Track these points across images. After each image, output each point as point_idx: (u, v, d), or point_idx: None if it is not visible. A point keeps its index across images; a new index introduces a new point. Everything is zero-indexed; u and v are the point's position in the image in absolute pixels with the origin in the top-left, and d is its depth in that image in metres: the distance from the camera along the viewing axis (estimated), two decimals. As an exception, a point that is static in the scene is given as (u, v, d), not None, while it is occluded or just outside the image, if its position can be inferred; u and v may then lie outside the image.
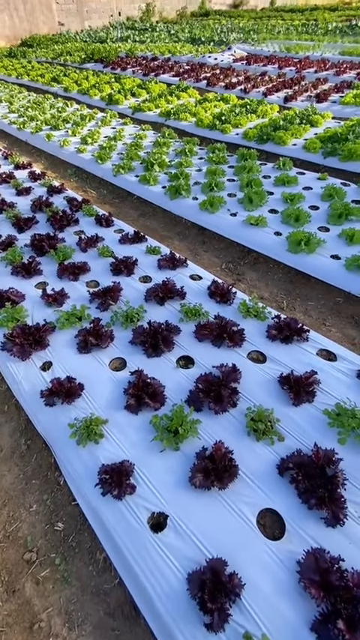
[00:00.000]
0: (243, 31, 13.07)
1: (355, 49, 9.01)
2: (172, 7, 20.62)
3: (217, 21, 17.20)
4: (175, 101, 6.13)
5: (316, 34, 11.97)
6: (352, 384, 1.66)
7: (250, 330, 1.95)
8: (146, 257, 2.60)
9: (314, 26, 13.79)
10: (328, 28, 13.15)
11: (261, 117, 5.29)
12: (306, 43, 10.50)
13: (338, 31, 12.36)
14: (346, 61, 8.12)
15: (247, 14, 19.95)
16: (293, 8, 23.22)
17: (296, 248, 2.59)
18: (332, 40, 10.83)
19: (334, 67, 7.58)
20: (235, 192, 3.39)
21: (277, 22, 15.52)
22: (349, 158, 3.86)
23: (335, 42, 10.50)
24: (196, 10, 21.55)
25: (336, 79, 6.94)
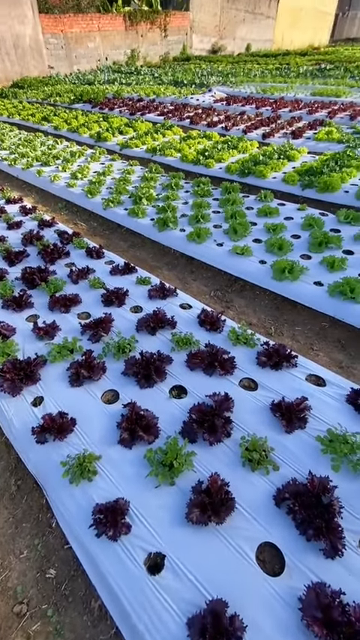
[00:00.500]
0: (222, 74, 14.12)
1: (324, 90, 9.80)
2: (155, 52, 22.20)
3: (197, 65, 18.56)
4: (161, 138, 6.48)
5: (289, 77, 13.00)
6: (341, 409, 1.70)
7: (240, 358, 1.99)
8: (137, 287, 2.65)
9: (287, 70, 15.00)
10: (299, 71, 14.32)
11: (242, 152, 5.62)
12: (280, 85, 11.38)
13: (309, 74, 13.47)
14: (317, 101, 8.80)
15: (225, 59, 21.61)
16: (267, 53, 25.31)
17: (281, 276, 2.70)
18: (304, 82, 11.78)
19: (307, 107, 8.18)
20: (220, 223, 3.55)
21: (252, 66, 16.83)
22: (325, 190, 4.11)
23: (307, 84, 11.41)
24: (178, 55, 23.23)
25: (309, 117, 7.48)
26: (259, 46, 28.75)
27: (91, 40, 18.86)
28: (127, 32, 20.34)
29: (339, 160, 4.81)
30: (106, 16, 19.32)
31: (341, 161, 4.76)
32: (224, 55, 25.03)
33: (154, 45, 21.88)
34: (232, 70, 15.65)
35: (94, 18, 18.63)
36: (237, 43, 27.15)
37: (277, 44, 30.14)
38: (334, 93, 9.45)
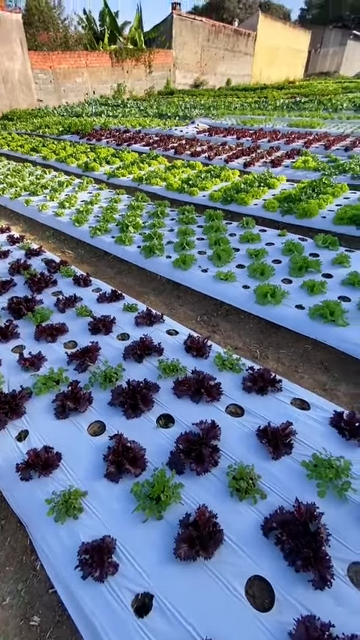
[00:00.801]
0: (204, 107, 14.93)
1: (300, 122, 10.45)
2: (140, 86, 23.40)
3: (181, 98, 19.59)
4: (147, 168, 6.74)
5: (267, 110, 13.83)
6: (325, 433, 1.73)
7: (226, 383, 2.02)
8: (124, 315, 2.69)
9: (265, 102, 15.97)
10: (276, 104, 15.26)
11: (224, 181, 5.89)
12: (259, 117, 12.08)
13: (285, 107, 14.36)
14: (293, 131, 9.36)
15: (207, 93, 22.91)
16: (246, 87, 26.95)
17: (263, 300, 2.78)
18: (281, 114, 12.53)
19: (285, 137, 8.67)
20: (205, 249, 3.66)
21: (233, 100, 17.87)
22: (303, 216, 4.32)
23: (283, 116, 12.14)
24: (162, 89, 24.53)
25: (287, 147, 7.92)
26: (239, 81, 30.63)
27: (79, 75, 19.78)
28: (114, 68, 21.47)
29: (316, 187, 5.08)
30: (93, 53, 20.42)
31: (318, 188, 5.03)
32: (206, 89, 26.51)
33: (139, 80, 23.09)
34: (213, 103, 16.56)
35: (81, 55, 19.65)
36: (218, 78, 28.88)
37: (255, 79, 32.18)
38: (309, 124, 10.08)
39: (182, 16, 24.10)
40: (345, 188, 5.09)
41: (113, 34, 22.58)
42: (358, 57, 43.55)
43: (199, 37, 25.68)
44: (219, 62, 28.31)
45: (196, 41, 25.63)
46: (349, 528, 1.36)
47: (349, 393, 2.23)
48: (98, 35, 22.59)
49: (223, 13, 38.89)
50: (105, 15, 22.56)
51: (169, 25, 23.52)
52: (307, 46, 38.59)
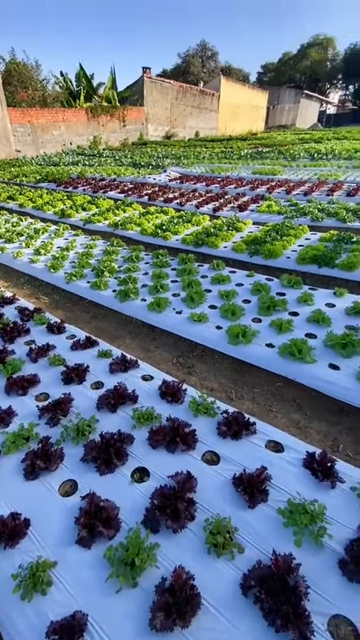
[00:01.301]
0: (175, 156, 16.11)
1: (263, 170, 11.43)
2: (115, 138, 25.06)
3: (153, 149, 21.08)
4: (122, 214, 7.06)
5: (233, 159, 15.09)
6: (299, 475, 1.75)
7: (201, 430, 2.02)
8: (98, 362, 2.69)
9: (231, 152, 17.45)
10: (241, 153, 16.69)
11: (195, 225, 6.24)
12: (226, 165, 13.13)
13: (249, 156, 15.72)
14: (257, 179, 10.20)
15: (177, 143, 24.81)
16: (213, 139, 29.44)
17: (235, 340, 2.88)
18: (245, 162, 13.69)
19: (249, 184, 9.41)
20: (178, 292, 3.80)
21: (201, 150, 19.41)
22: (269, 256, 4.62)
23: (248, 164, 13.25)
24: (136, 140, 26.36)
25: (252, 192, 8.58)
26: (207, 133, 33.49)
27: (57, 129, 21.01)
28: (90, 122, 23.02)
29: (279, 229, 5.48)
30: (70, 109, 21.92)
31: (281, 231, 5.43)
32: (177, 140, 28.71)
33: (114, 132, 24.77)
34: (184, 152, 17.90)
35: (58, 112, 21.04)
36: (187, 131, 31.46)
37: (221, 131, 35.30)
38: (270, 172, 11.03)
39: (152, 79, 26.64)
40: (306, 230, 5.53)
41: (89, 93, 24.48)
42: (310, 112, 49.13)
43: (169, 96, 28.28)
44: (188, 117, 31.03)
45: (166, 99, 28.17)
46: (327, 578, 1.35)
47: (321, 430, 2.29)
48: (75, 94, 24.41)
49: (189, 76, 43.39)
50: (81, 76, 24.59)
51: (140, 86, 25.86)
52: (265, 103, 43.23)
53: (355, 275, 4.03)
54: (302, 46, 55.75)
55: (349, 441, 2.20)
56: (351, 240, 4.87)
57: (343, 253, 4.51)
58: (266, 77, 59.24)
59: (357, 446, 2.16)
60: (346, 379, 2.39)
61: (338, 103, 63.06)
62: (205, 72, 47.49)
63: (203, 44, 49.88)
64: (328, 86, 57.98)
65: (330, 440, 2.22)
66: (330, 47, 54.98)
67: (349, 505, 1.60)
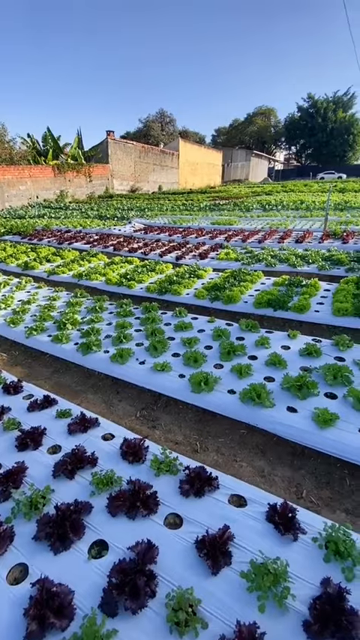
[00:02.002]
0: (139, 209, 17.09)
1: (221, 220, 12.38)
2: (82, 192, 26.27)
3: (119, 201, 22.27)
4: (87, 264, 7.22)
5: (194, 210, 16.26)
6: (262, 530, 1.72)
7: (163, 490, 1.96)
8: (56, 422, 2.59)
9: (191, 205, 18.83)
10: (201, 205, 18.06)
11: (159, 273, 6.50)
12: (187, 217, 14.09)
13: (208, 208, 17.04)
14: (216, 228, 10.99)
15: (142, 196, 26.46)
16: (175, 192, 31.75)
17: (198, 388, 2.92)
18: (205, 214, 14.79)
19: (209, 233, 10.11)
20: (142, 341, 3.84)
21: (164, 202, 20.79)
22: (228, 302, 4.86)
23: (207, 215, 14.32)
24: (102, 194, 27.78)
25: (211, 241, 9.19)
26: (169, 187, 36.12)
27: (23, 184, 21.72)
28: (56, 178, 24.09)
29: (237, 276, 5.85)
30: (37, 166, 22.94)
31: (239, 277, 5.79)
32: (141, 193, 30.64)
33: (80, 187, 26.01)
34: (148, 205, 19.04)
35: (25, 168, 21.92)
36: (151, 185, 33.78)
37: (182, 185, 38.26)
38: (228, 222, 11.98)
39: (116, 140, 28.91)
40: (260, 275, 5.94)
41: (56, 152, 25.94)
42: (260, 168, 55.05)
43: (132, 155, 30.64)
44: (151, 173, 33.51)
45: (129, 158, 30.44)
46: (294, 647, 1.29)
47: (285, 476, 2.30)
48: (42, 153, 25.77)
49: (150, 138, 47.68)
50: (48, 137, 26.20)
51: (105, 147, 27.89)
52: (220, 161, 48.00)
53: (307, 317, 4.33)
54: (249, 115, 64.02)
55: (312, 485, 2.22)
56: (301, 284, 5.29)
57: (294, 296, 4.87)
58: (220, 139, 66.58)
59: (319, 490, 2.19)
60: (303, 421, 2.47)
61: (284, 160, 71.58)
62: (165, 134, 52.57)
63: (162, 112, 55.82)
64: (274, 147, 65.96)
65: (294, 486, 2.23)
66: (272, 116, 63.56)
67: (311, 558, 1.58)
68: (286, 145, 64.17)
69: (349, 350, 3.37)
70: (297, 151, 61.61)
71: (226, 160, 50.41)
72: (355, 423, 2.41)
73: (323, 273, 6.05)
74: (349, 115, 52.52)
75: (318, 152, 55.50)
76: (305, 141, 56.70)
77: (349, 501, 2.09)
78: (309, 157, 58.74)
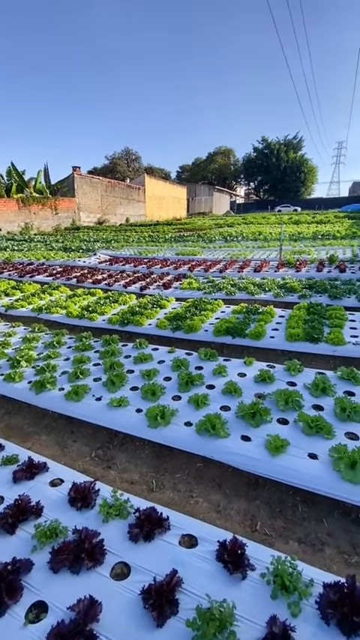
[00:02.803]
0: (106, 240, 17.35)
1: (185, 251, 12.83)
2: (47, 224, 26.31)
3: (86, 233, 22.50)
4: (48, 298, 7.11)
5: (159, 242, 16.77)
6: (211, 570, 1.68)
7: (112, 536, 1.87)
8: (1, 470, 2.42)
9: (157, 236, 19.42)
10: (166, 237, 18.69)
11: (122, 304, 6.53)
12: (152, 248, 14.48)
13: (173, 239, 17.66)
14: (180, 259, 11.35)
15: (109, 228, 26.96)
16: (142, 224, 32.70)
17: (154, 422, 2.88)
18: (170, 245, 15.29)
19: (173, 264, 10.40)
20: (100, 376, 3.77)
21: (131, 234, 21.30)
22: (189, 331, 4.95)
23: (172, 246, 14.80)
24: (69, 226, 27.97)
25: (175, 272, 9.45)
26: (136, 219, 37.16)
27: (-14, 217, 21.42)
28: (21, 210, 24.05)
29: (198, 305, 6.00)
30: (1, 199, 22.83)
31: (200, 306, 5.95)
32: (108, 225, 31.22)
33: (46, 219, 26.07)
34: (114, 237, 19.40)
35: (-12, 202, 21.73)
36: (118, 217, 34.59)
37: (149, 217, 39.54)
38: (191, 252, 12.44)
39: (82, 175, 29.67)
40: (220, 304, 6.15)
41: (20, 186, 26.05)
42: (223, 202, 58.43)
43: (99, 189, 31.47)
44: (118, 206, 34.42)
45: (96, 192, 31.20)
46: None
47: (240, 509, 2.28)
48: (6, 187, 25.76)
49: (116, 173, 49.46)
50: (12, 172, 26.34)
51: (71, 181, 28.49)
52: (185, 195, 50.49)
53: (262, 343, 4.50)
54: (210, 153, 68.86)
55: (266, 516, 2.22)
56: (258, 312, 5.53)
57: (252, 323, 5.06)
58: (184, 175, 70.49)
59: (273, 520, 2.19)
60: (256, 450, 2.50)
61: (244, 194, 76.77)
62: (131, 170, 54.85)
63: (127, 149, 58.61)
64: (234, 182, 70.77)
65: (249, 519, 2.21)
66: (231, 155, 68.77)
67: (259, 596, 1.55)
68: (245, 180, 69.17)
69: (299, 374, 3.52)
70: (255, 186, 66.52)
71: (191, 194, 53.18)
72: (304, 448, 2.48)
73: (279, 300, 6.38)
74: (299, 155, 58.22)
75: (274, 187, 60.32)
76: (262, 177, 61.58)
77: (301, 530, 2.10)
78: (266, 191, 63.53)
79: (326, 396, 3.10)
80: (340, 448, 2.33)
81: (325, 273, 7.98)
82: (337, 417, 2.80)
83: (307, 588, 1.54)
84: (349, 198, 52.98)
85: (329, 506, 2.22)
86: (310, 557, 1.94)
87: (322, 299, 6.03)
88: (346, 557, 1.92)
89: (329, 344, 4.18)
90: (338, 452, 2.31)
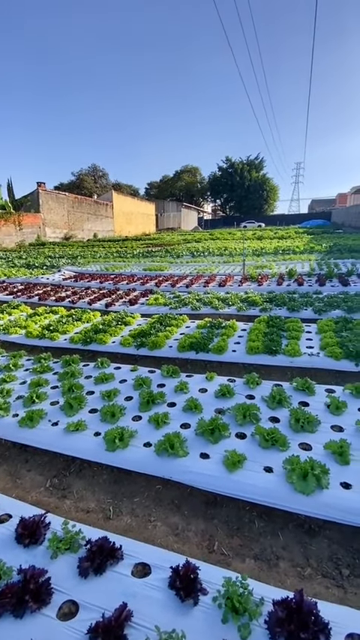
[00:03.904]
0: (72, 256, 17.07)
1: (152, 266, 12.92)
2: (11, 240, 25.48)
3: (51, 249, 22.02)
4: (6, 317, 6.81)
5: (127, 257, 16.78)
6: (163, 599, 1.63)
7: (61, 573, 1.77)
8: None
9: (125, 252, 19.44)
10: (134, 252, 18.75)
11: (86, 322, 6.41)
12: (119, 263, 14.44)
13: (141, 255, 17.75)
14: (147, 274, 11.40)
15: (76, 244, 26.59)
16: (111, 239, 32.61)
17: (112, 446, 2.80)
18: (137, 260, 15.34)
19: (140, 280, 10.42)
20: (58, 399, 3.63)
21: (99, 250, 21.14)
22: (154, 347, 4.94)
23: (140, 262, 14.85)
24: (34, 241, 27.27)
25: (142, 287, 9.46)
26: (104, 235, 37.01)
27: None
28: (-18, 227, 23.15)
29: (163, 321, 6.03)
30: None
31: (165, 321, 5.98)
32: (75, 241, 30.81)
33: (9, 235, 25.27)
34: (81, 252, 19.16)
35: None
36: (86, 233, 34.27)
37: (118, 233, 39.56)
38: (159, 268, 12.55)
39: (47, 191, 29.26)
40: (185, 319, 6.22)
41: (-19, 202, 25.18)
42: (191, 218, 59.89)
43: (65, 205, 31.12)
44: (85, 222, 34.16)
45: (62, 207, 30.82)
46: None
47: (199, 530, 2.26)
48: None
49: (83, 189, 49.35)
50: (-27, 188, 25.46)
51: (36, 197, 27.98)
52: (153, 211, 51.22)
53: (225, 357, 4.58)
54: (177, 172, 70.76)
55: (224, 535, 2.21)
56: (221, 326, 5.65)
57: (215, 338, 5.15)
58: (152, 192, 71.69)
59: (230, 539, 2.18)
60: (215, 467, 2.50)
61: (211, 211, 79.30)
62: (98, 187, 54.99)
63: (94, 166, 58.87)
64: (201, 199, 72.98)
65: (207, 539, 2.19)
66: (197, 173, 71.11)
67: (211, 621, 1.53)
68: (211, 198, 71.58)
69: (258, 387, 3.61)
70: (222, 203, 69.03)
71: (160, 210, 54.08)
72: (260, 462, 2.52)
73: (242, 313, 6.57)
74: (261, 174, 61.48)
75: (239, 204, 62.94)
76: (228, 195, 64.13)
77: (258, 545, 2.11)
78: (232, 208, 66.09)
79: (282, 408, 3.20)
80: (293, 459, 2.40)
81: (284, 286, 8.35)
82: (291, 428, 2.89)
83: (257, 608, 1.54)
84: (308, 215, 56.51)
85: (284, 519, 2.25)
86: (266, 574, 1.95)
87: (281, 312, 6.29)
88: (299, 570, 1.95)
89: (287, 355, 4.34)
90: (291, 463, 2.37)
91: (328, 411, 3.12)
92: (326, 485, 2.22)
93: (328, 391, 3.45)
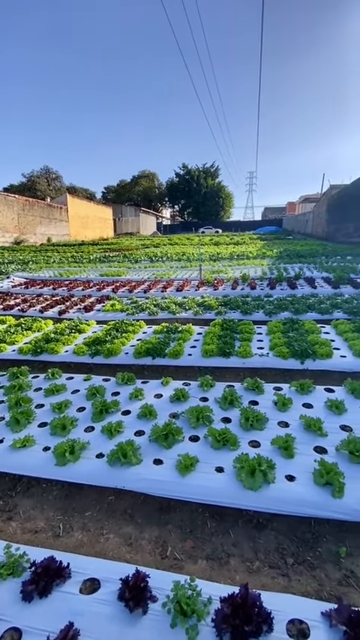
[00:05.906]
0: (22, 262, 16.21)
1: (109, 272, 12.70)
2: None
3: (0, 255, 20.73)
4: None
5: (83, 262, 16.31)
6: (111, 613, 1.60)
7: (3, 600, 1.66)
8: None
9: (81, 257, 18.88)
10: (91, 257, 18.28)
11: (36, 331, 6.11)
12: (75, 269, 14.00)
13: (98, 260, 17.37)
14: (104, 280, 11.18)
15: (28, 249, 25.29)
16: (66, 243, 31.52)
17: (62, 460, 2.70)
18: (94, 266, 14.98)
19: (96, 285, 10.18)
20: (3, 415, 3.42)
21: (52, 254, 20.30)
22: (109, 355, 4.85)
23: (96, 267, 14.52)
24: (-19, 246, 25.48)
25: (98, 293, 9.24)
26: (59, 239, 35.69)
27: None
28: None
29: (119, 327, 5.94)
30: None
31: (121, 328, 5.90)
32: (27, 245, 29.33)
33: None
34: (33, 257, 18.26)
35: None
36: (39, 237, 32.78)
37: (74, 237, 38.36)
38: (116, 273, 12.37)
39: (-5, 193, 27.56)
40: (143, 325, 6.19)
41: None
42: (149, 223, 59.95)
43: (15, 207, 29.53)
44: (38, 225, 32.67)
45: (12, 210, 29.21)
46: None
47: (152, 537, 2.24)
48: None
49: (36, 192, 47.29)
50: None
51: (-18, 199, 26.20)
52: (111, 215, 50.49)
53: (181, 361, 4.63)
54: (134, 177, 70.58)
55: (177, 539, 2.22)
56: (177, 330, 5.71)
57: (171, 342, 5.19)
58: (110, 196, 70.70)
59: (184, 542, 2.19)
60: (168, 472, 2.52)
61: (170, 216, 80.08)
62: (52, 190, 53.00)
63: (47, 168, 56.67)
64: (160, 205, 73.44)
65: (160, 546, 2.18)
66: (155, 179, 71.54)
67: (160, 628, 1.53)
68: (170, 203, 72.38)
69: (211, 389, 3.70)
70: (180, 209, 70.10)
71: (117, 215, 53.43)
72: (212, 463, 2.58)
73: (198, 317, 6.70)
74: (216, 182, 63.53)
75: (197, 211, 64.39)
76: (185, 201, 65.33)
77: (209, 545, 2.15)
78: (190, 214, 67.39)
79: (234, 408, 3.31)
80: (242, 457, 2.49)
81: (238, 290, 8.67)
82: (242, 427, 2.99)
83: (205, 607, 1.57)
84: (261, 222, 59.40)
85: (235, 517, 2.32)
86: (217, 572, 1.99)
87: (235, 315, 6.51)
88: (248, 565, 2.02)
89: (239, 357, 4.50)
90: (240, 462, 2.46)
91: (275, 408, 3.28)
92: (272, 480, 2.34)
93: (276, 389, 3.64)
